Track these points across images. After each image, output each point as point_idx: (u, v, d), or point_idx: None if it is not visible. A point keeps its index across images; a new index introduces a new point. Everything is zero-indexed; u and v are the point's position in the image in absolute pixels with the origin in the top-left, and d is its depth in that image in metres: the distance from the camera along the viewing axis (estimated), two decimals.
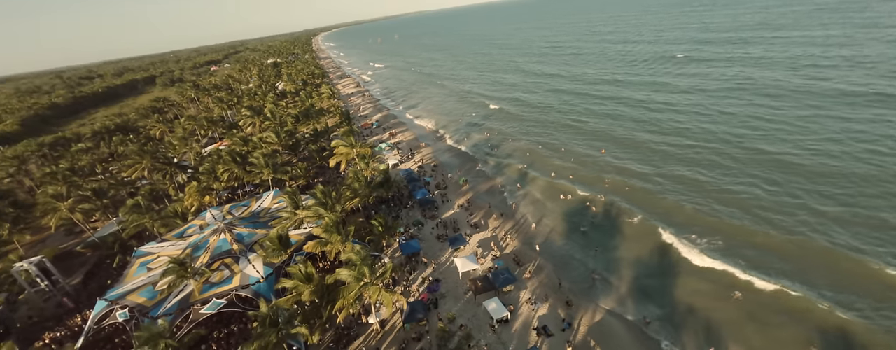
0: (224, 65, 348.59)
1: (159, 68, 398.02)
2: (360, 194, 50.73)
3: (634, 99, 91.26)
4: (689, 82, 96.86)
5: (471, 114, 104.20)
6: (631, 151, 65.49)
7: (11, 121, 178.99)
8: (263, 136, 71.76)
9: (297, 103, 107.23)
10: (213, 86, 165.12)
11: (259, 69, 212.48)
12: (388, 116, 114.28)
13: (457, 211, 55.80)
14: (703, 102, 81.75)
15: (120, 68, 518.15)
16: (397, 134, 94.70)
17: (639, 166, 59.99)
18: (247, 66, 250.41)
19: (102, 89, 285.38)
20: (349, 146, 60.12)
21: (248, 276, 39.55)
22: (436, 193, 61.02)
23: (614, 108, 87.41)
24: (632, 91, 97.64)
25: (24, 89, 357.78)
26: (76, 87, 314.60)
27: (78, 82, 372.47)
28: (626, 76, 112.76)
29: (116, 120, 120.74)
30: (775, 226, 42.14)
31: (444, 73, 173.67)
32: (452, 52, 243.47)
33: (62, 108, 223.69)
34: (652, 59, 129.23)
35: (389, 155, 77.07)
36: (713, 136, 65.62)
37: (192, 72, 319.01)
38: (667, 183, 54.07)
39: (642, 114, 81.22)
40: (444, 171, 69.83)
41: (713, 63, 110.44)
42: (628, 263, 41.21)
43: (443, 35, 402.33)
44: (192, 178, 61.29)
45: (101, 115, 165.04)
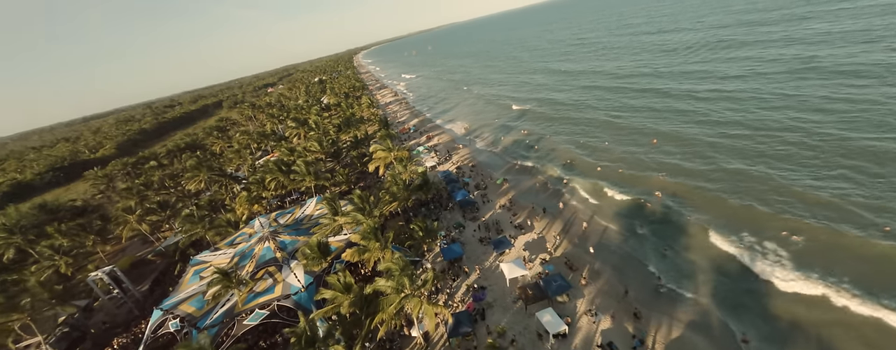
0: (278, 86, 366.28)
1: (226, 94, 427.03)
2: (399, 198, 46.79)
3: (679, 90, 79.74)
4: (742, 67, 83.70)
5: (504, 115, 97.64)
6: (681, 146, 55.71)
7: (109, 145, 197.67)
8: (307, 146, 70.45)
9: (339, 114, 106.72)
10: (267, 104, 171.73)
11: (306, 86, 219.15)
12: (424, 121, 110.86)
13: (498, 211, 50.24)
14: (762, 88, 69.11)
15: (195, 96, 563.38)
16: (434, 137, 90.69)
17: (692, 163, 50.45)
18: (296, 84, 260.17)
19: (180, 114, 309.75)
20: (387, 150, 56.66)
21: (290, 286, 36.64)
22: (475, 194, 55.86)
23: (655, 101, 76.73)
24: (674, 81, 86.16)
25: (121, 119, 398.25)
26: (161, 115, 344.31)
27: (162, 110, 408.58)
28: (666, 66, 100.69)
29: (187, 139, 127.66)
30: (874, 228, 32.44)
31: (475, 79, 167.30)
32: (482, 58, 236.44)
33: (149, 132, 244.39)
34: (695, 46, 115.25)
35: (427, 158, 73.02)
36: (779, 124, 54.01)
37: (252, 94, 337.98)
38: (729, 179, 44.63)
39: (689, 105, 70.10)
40: (482, 172, 64.49)
41: (767, 44, 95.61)
42: (699, 270, 33.59)
43: (472, 43, 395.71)
44: (244, 189, 60.76)
45: (178, 136, 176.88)
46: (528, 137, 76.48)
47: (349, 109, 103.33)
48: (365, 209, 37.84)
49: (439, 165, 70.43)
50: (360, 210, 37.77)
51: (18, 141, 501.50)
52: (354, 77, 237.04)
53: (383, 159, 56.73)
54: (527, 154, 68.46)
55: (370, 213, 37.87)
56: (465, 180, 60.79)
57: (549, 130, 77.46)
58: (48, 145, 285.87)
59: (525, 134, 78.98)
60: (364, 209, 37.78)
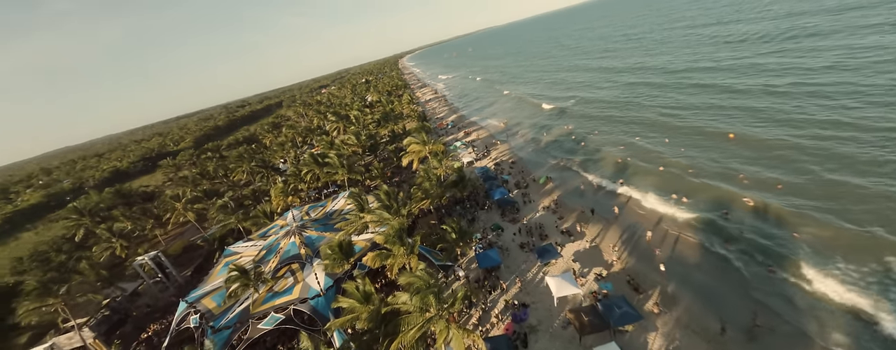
0: (330, 87, 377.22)
1: (286, 94, 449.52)
2: (432, 195, 40.28)
3: (751, 85, 64.19)
4: (831, 58, 66.30)
5: (541, 113, 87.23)
6: (759, 150, 42.98)
7: (189, 139, 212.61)
8: (345, 139, 66.28)
9: (380, 110, 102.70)
10: (317, 102, 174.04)
11: (353, 86, 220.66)
12: (461, 117, 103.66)
13: (542, 214, 42.02)
14: (861, 83, 52.77)
15: (262, 97, 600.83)
16: (471, 133, 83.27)
17: (779, 171, 37.93)
18: (345, 84, 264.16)
19: (248, 113, 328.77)
20: (421, 144, 50.37)
21: (309, 287, 31.49)
22: (515, 193, 47.95)
23: (720, 98, 62.21)
24: (744, 76, 70.17)
25: (202, 117, 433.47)
26: (232, 113, 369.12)
27: (234, 110, 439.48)
28: (731, 59, 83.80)
29: (246, 134, 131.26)
30: None
31: (512, 78, 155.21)
32: (518, 58, 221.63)
33: (221, 128, 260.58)
34: (767, 36, 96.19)
35: (464, 153, 65.93)
36: (891, 124, 40.03)
37: (308, 94, 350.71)
38: (837, 196, 32.27)
39: (766, 102, 55.34)
40: (523, 169, 56.17)
41: (862, 31, 76.21)
42: (816, 307, 23.45)
43: (510, 44, 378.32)
44: (283, 181, 57.76)
45: (240, 131, 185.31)
46: (572, 134, 66.55)
47: (389, 105, 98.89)
48: (392, 207, 31.69)
49: (476, 161, 63.07)
50: (386, 208, 31.71)
51: (127, 135, 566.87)
52: (397, 77, 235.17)
53: (417, 153, 50.54)
54: (572, 152, 58.89)
55: (397, 212, 31.70)
56: (504, 177, 52.98)
57: (593, 128, 66.69)
58: (146, 139, 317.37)
59: (568, 130, 69.07)
60: (390, 207, 31.64)
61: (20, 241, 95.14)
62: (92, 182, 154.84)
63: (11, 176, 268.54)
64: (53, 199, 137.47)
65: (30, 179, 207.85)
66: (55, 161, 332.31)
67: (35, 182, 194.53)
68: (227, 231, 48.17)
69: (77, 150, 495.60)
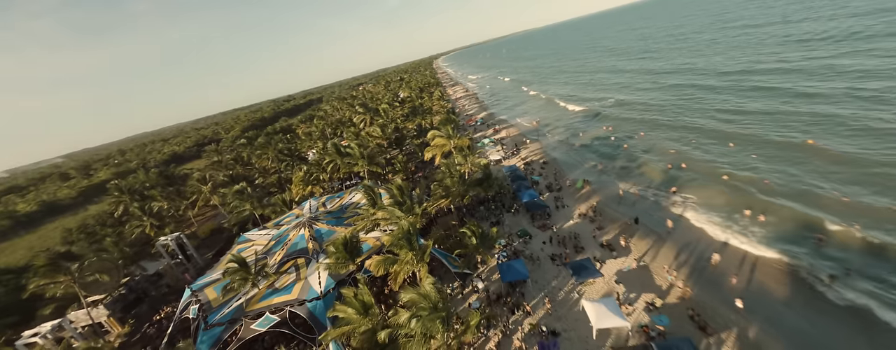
0: (367, 84, 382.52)
1: (327, 91, 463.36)
2: (453, 193, 35.08)
3: (831, 90, 52.23)
4: None
5: (575, 114, 78.93)
6: (851, 167, 33.31)
7: (238, 128, 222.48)
8: (370, 131, 62.67)
9: (410, 105, 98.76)
10: (352, 97, 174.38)
11: (386, 83, 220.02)
12: (492, 115, 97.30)
13: (578, 222, 35.51)
14: None
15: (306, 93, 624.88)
16: (501, 130, 76.98)
17: (879, 193, 29.04)
18: (380, 81, 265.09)
19: (292, 107, 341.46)
20: (446, 137, 45.25)
21: (310, 288, 27.48)
22: (547, 196, 41.58)
23: (791, 104, 50.73)
24: (820, 79, 58.23)
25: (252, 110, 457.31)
26: (278, 106, 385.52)
27: (281, 103, 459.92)
28: (801, 61, 70.30)
29: (284, 124, 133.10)
30: None
31: (545, 79, 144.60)
32: (553, 60, 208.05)
33: (267, 119, 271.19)
34: (851, 36, 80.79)
35: (492, 150, 60.04)
36: None
37: (345, 91, 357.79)
38: None
39: (848, 108, 44.39)
40: (556, 170, 49.44)
41: None
42: None
43: (546, 46, 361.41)
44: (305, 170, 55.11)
45: (280, 121, 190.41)
46: (611, 136, 58.50)
47: (418, 99, 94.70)
48: (404, 204, 26.87)
49: (505, 160, 57.03)
50: (398, 204, 26.97)
51: (192, 124, 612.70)
52: (430, 75, 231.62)
53: (441, 147, 45.48)
54: (612, 155, 51.14)
55: (410, 210, 26.85)
56: (535, 178, 46.65)
57: (634, 131, 58.03)
58: (205, 127, 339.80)
59: (607, 131, 60.99)
60: (403, 204, 26.83)
61: (88, 213, 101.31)
62: (152, 163, 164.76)
63: (97, 155, 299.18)
64: (120, 176, 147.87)
65: (108, 159, 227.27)
66: (131, 144, 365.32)
67: (111, 161, 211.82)
68: (245, 217, 45.81)
69: (151, 135, 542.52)
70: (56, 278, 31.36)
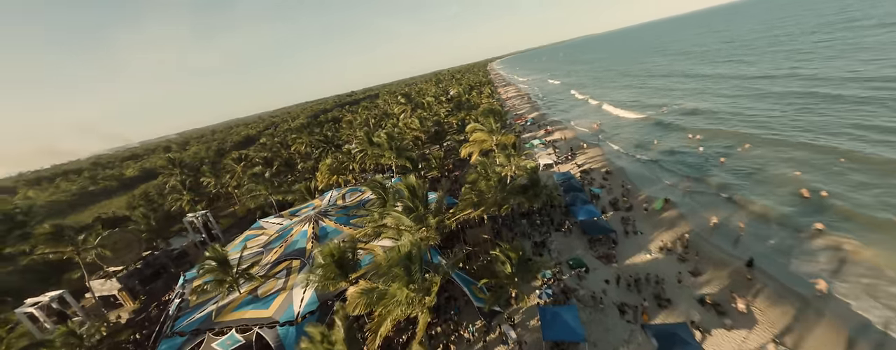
0: (420, 83, 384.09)
1: (385, 89, 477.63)
2: (488, 200, 26.34)
3: None
4: None
5: (639, 120, 64.04)
6: None
7: (302, 117, 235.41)
8: (408, 122, 55.99)
9: (456, 100, 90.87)
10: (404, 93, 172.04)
11: (437, 80, 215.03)
12: (544, 115, 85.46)
13: (658, 257, 24.57)
14: None
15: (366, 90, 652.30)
16: (554, 131, 65.62)
17: None
18: (430, 79, 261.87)
19: (352, 100, 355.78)
20: (487, 131, 36.36)
21: (289, 305, 20.88)
22: (611, 216, 30.83)
23: None
24: None
25: (318, 102, 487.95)
26: (342, 100, 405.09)
27: (343, 98, 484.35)
28: None
29: (337, 114, 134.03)
30: None
31: (605, 83, 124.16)
32: (615, 63, 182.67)
33: (328, 110, 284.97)
34: None
35: (542, 153, 49.74)
36: None
37: (400, 88, 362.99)
38: None
39: None
40: (624, 183, 37.78)
41: None
42: None
43: (606, 50, 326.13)
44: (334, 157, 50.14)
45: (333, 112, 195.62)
46: (699, 145, 44.62)
47: (465, 94, 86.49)
48: (415, 210, 18.91)
49: (557, 165, 46.47)
50: (407, 210, 19.11)
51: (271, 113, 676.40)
52: (483, 75, 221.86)
53: (481, 143, 36.72)
54: (704, 170, 37.94)
55: (422, 219, 18.86)
56: (595, 191, 35.78)
57: (731, 143, 43.28)
58: (278, 115, 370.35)
59: (694, 140, 47.03)
60: (414, 209, 18.91)
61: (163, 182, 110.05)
62: (229, 143, 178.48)
63: (198, 133, 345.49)
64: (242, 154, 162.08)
65: (201, 137, 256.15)
66: (223, 127, 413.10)
67: (202, 139, 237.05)
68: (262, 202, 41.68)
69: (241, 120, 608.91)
70: (59, 247, 29.00)
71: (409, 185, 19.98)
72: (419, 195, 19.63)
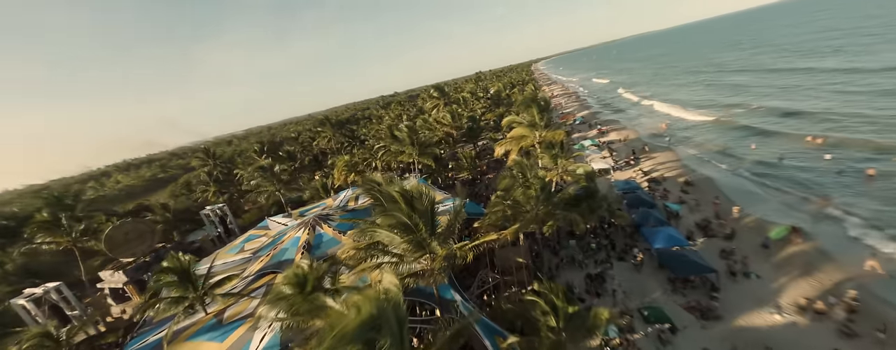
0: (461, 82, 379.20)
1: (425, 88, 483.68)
2: (525, 215, 19.19)
3: None
4: None
5: (728, 120, 49.90)
6: None
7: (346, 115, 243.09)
8: (438, 117, 50.13)
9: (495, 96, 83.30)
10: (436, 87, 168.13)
11: (477, 79, 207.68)
12: (596, 114, 74.57)
13: (797, 321, 15.54)
14: None
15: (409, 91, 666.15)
16: (610, 131, 55.45)
17: None
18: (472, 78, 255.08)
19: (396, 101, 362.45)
20: (529, 126, 28.88)
21: (245, 344, 15.73)
22: (702, 244, 21.79)
23: None
24: None
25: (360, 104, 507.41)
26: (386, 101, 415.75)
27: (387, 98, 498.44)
28: None
29: (372, 112, 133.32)
30: None
31: (662, 81, 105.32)
32: (675, 60, 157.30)
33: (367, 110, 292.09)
34: None
35: (595, 155, 40.82)
36: None
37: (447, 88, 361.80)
38: None
39: None
40: (717, 198, 27.62)
41: None
42: None
43: (664, 46, 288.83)
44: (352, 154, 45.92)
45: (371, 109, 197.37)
46: (825, 152, 32.65)
47: (504, 91, 78.66)
48: (415, 231, 12.54)
49: (614, 170, 37.36)
50: (403, 229, 12.79)
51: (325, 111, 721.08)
52: (526, 73, 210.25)
53: (519, 140, 29.28)
54: (844, 186, 26.73)
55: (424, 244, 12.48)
56: (671, 207, 26.58)
57: (858, 153, 30.68)
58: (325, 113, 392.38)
59: (815, 144, 34.92)
60: (412, 229, 12.54)
61: None
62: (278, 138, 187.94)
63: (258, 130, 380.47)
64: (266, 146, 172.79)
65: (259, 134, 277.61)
66: (278, 125, 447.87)
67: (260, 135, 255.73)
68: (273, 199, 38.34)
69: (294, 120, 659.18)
70: (54, 237, 27.44)
71: (405, 193, 13.62)
72: (422, 207, 13.11)
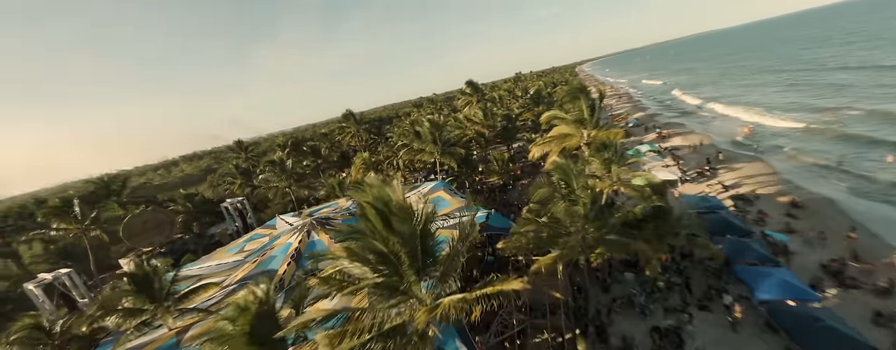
0: None
1: None
2: (567, 236, 13.93)
3: None
4: None
5: (828, 127, 38.26)
6: None
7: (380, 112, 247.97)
8: (469, 114, 45.58)
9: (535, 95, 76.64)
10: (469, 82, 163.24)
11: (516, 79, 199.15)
12: (654, 116, 65.04)
13: None
14: None
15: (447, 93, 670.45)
16: (673, 136, 46.84)
17: None
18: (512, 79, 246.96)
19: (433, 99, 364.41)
20: (575, 123, 23.15)
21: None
22: (832, 297, 14.77)
23: None
24: None
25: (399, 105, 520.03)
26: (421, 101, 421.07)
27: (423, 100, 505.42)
28: None
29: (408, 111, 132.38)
30: None
31: (732, 82, 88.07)
32: (746, 59, 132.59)
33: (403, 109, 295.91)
34: None
35: (656, 163, 33.60)
36: None
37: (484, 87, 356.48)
38: None
39: None
40: (842, 227, 19.76)
41: None
42: None
43: (735, 46, 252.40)
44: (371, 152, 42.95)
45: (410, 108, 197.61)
46: None
47: (547, 89, 71.82)
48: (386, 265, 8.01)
49: (682, 182, 30.04)
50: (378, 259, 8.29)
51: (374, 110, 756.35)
52: (569, 73, 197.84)
53: (561, 140, 23.56)
54: None
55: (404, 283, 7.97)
56: (775, 237, 19.32)
57: None
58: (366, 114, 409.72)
59: None
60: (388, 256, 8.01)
61: None
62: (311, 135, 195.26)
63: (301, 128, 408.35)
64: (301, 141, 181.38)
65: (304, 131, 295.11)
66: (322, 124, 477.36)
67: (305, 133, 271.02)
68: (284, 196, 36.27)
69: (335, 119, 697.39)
70: (64, 224, 27.19)
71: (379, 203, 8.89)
72: (407, 229, 8.30)
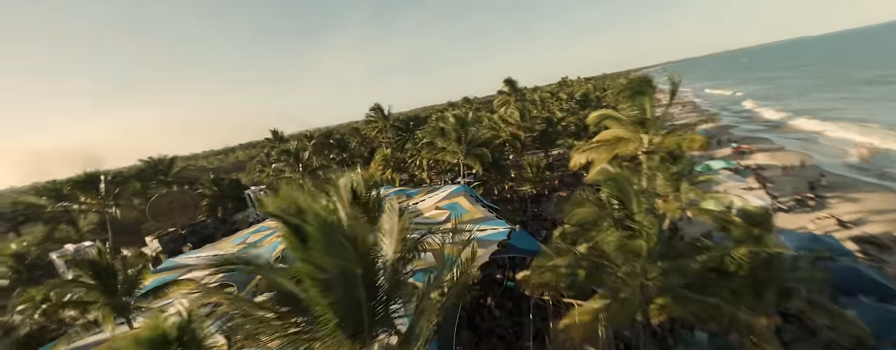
0: None
1: None
2: (619, 281, 9.60)
3: None
4: None
5: None
6: None
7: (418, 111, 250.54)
8: (505, 114, 41.39)
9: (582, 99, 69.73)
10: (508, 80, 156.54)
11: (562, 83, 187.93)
12: (728, 127, 55.34)
13: None
14: None
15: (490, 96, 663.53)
16: (756, 151, 38.42)
17: None
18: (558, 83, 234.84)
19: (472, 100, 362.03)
20: (632, 124, 18.21)
21: None
22: None
23: None
24: None
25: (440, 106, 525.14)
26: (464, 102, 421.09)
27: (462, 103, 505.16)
28: None
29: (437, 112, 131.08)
30: None
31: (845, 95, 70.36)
32: (854, 69, 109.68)
33: None
34: None
35: (734, 185, 26.82)
36: None
37: None
38: None
39: None
40: None
41: None
42: None
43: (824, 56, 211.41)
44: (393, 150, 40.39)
45: None
46: None
47: (595, 92, 64.78)
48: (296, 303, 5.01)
49: (775, 212, 23.20)
50: None
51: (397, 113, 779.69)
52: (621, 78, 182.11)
53: (612, 145, 18.66)
54: None
55: None
56: None
57: None
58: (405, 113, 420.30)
59: None
60: None
61: None
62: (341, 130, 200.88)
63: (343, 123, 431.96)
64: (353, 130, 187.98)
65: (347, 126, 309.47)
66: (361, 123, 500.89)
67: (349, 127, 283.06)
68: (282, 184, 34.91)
69: None
70: (86, 198, 27.80)
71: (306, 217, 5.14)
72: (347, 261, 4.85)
